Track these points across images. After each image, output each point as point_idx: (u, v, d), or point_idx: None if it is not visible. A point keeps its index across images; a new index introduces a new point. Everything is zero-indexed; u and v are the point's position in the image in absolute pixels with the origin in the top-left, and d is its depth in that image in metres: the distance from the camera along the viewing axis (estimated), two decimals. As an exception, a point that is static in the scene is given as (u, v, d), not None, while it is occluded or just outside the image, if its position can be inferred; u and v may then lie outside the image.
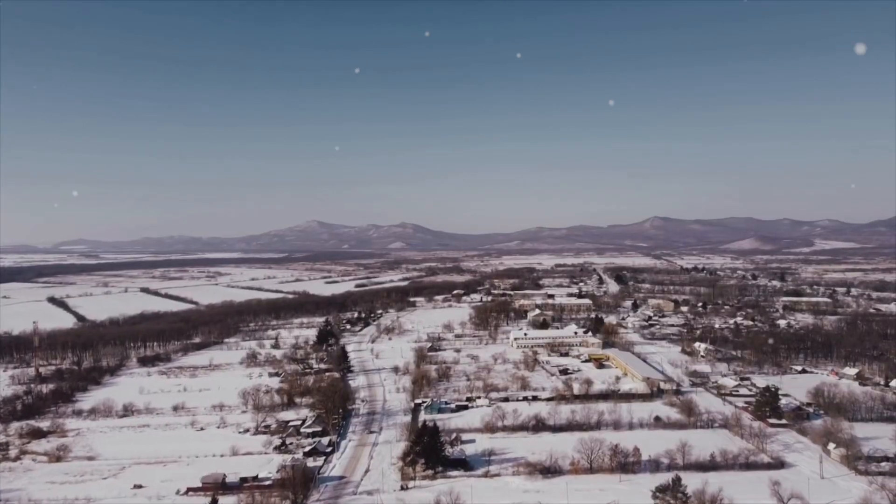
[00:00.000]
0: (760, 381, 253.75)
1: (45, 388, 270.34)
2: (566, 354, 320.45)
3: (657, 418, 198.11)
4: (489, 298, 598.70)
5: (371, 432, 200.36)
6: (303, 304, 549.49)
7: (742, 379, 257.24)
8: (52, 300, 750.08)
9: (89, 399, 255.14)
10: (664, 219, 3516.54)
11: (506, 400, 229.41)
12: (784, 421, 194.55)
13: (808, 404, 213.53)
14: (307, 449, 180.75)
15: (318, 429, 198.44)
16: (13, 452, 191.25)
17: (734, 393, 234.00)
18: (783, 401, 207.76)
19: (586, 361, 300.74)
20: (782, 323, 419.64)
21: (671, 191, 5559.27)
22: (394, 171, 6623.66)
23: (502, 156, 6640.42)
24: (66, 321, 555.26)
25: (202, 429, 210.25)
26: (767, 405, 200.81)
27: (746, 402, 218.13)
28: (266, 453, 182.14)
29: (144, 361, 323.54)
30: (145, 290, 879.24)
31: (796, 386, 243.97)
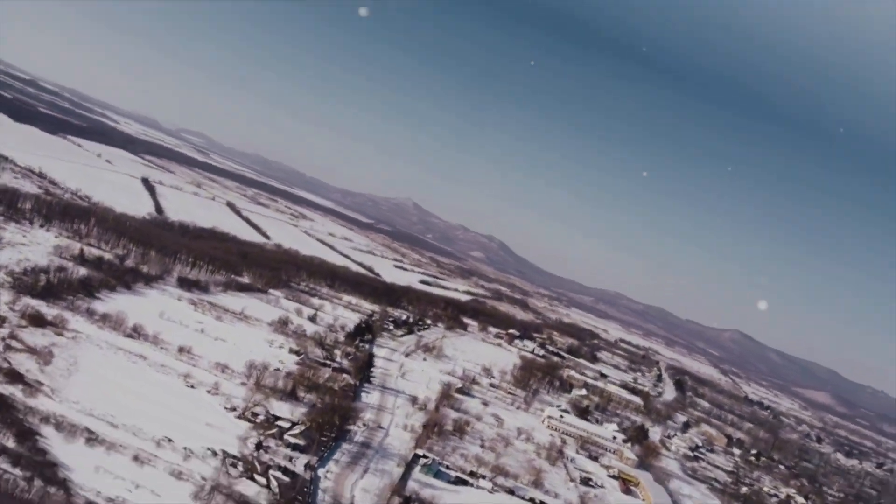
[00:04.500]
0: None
1: (78, 273, 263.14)
2: (596, 458, 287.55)
3: None
4: (541, 352, 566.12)
5: (353, 471, 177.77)
6: (360, 284, 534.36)
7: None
8: (144, 181, 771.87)
9: (110, 302, 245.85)
10: (744, 335, 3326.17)
11: (511, 493, 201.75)
12: None
13: None
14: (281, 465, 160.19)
15: (302, 443, 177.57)
16: (1, 332, 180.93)
17: None
18: None
19: (614, 478, 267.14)
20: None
21: (760, 309, 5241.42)
22: (498, 185, 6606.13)
23: (605, 209, 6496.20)
24: (144, 206, 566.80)
25: (192, 387, 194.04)
26: None
27: None
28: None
29: (182, 283, 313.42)
30: (231, 206, 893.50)
31: None
